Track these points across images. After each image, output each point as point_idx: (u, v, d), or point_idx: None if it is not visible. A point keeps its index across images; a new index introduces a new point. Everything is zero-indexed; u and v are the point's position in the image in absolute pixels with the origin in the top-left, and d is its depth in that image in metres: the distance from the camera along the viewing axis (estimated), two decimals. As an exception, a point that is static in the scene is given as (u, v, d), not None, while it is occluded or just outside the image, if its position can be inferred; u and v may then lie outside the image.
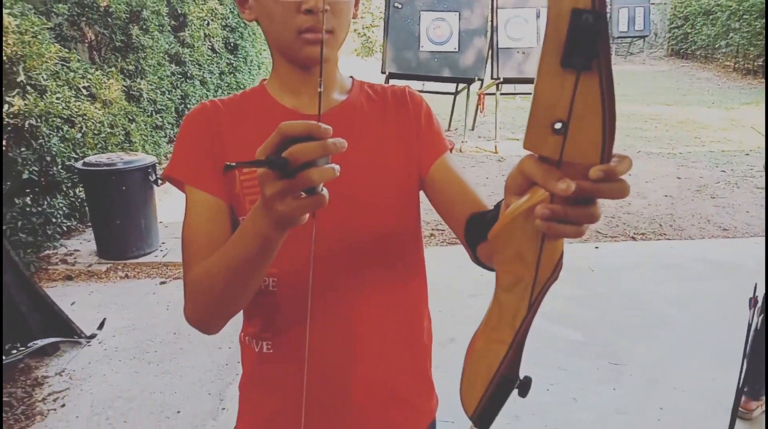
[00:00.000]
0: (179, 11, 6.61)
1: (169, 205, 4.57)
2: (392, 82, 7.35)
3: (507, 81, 7.35)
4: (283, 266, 0.90)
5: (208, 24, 7.35)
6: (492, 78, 7.34)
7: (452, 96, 8.32)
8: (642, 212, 5.20)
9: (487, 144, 7.66)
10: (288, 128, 0.58)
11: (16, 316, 2.65)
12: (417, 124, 0.98)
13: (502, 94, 7.64)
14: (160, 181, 3.97)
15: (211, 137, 0.92)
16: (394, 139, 0.97)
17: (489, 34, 7.45)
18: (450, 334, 3.03)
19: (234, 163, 0.58)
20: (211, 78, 7.44)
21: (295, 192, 0.60)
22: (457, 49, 7.30)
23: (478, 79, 7.40)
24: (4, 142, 3.81)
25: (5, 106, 3.72)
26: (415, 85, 7.94)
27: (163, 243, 4.18)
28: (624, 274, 3.90)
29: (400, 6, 7.25)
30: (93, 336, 2.90)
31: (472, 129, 8.44)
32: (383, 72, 7.24)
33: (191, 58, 6.85)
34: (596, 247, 4.43)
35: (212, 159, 0.91)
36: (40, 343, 2.36)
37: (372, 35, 17.46)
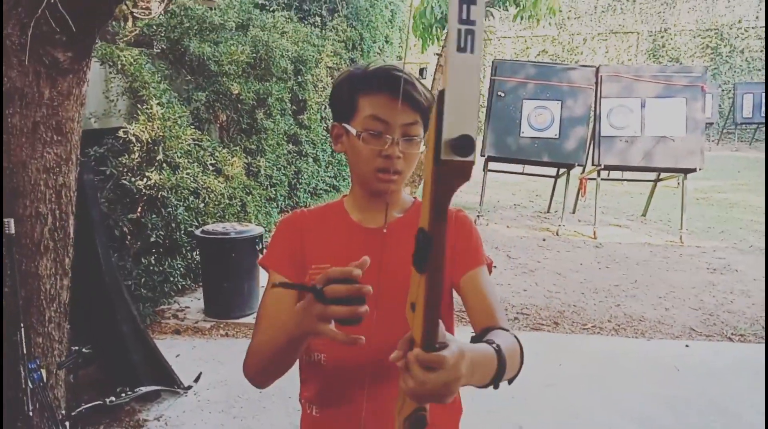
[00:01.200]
0: (300, 97, 7.37)
1: (271, 272, 5.00)
2: (492, 165, 7.60)
3: (608, 168, 7.36)
4: (332, 346, 1.09)
5: (324, 108, 8.09)
6: (593, 164, 7.38)
7: (553, 179, 8.40)
8: (744, 312, 4.93)
9: (585, 228, 7.60)
10: (331, 272, 0.85)
11: (128, 362, 3.08)
12: (455, 239, 1.19)
13: (603, 179, 7.64)
14: (265, 250, 4.42)
15: (296, 239, 1.21)
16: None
17: (591, 122, 7.56)
18: (519, 422, 3.08)
19: (288, 284, 0.91)
20: (323, 155, 8.10)
21: (325, 316, 0.85)
22: (557, 136, 7.46)
23: (579, 165, 7.47)
24: (138, 209, 4.46)
25: (144, 180, 4.37)
26: (514, 168, 8.16)
27: (261, 307, 4.58)
28: (712, 377, 3.74)
29: (503, 95, 7.59)
30: (189, 387, 3.27)
31: (573, 212, 8.41)
32: (482, 155, 7.52)
33: (307, 138, 7.55)
34: (687, 346, 4.27)
35: (294, 255, 1.18)
36: (144, 389, 2.74)
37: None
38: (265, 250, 1.31)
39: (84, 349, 2.23)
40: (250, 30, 6.45)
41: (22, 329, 2.16)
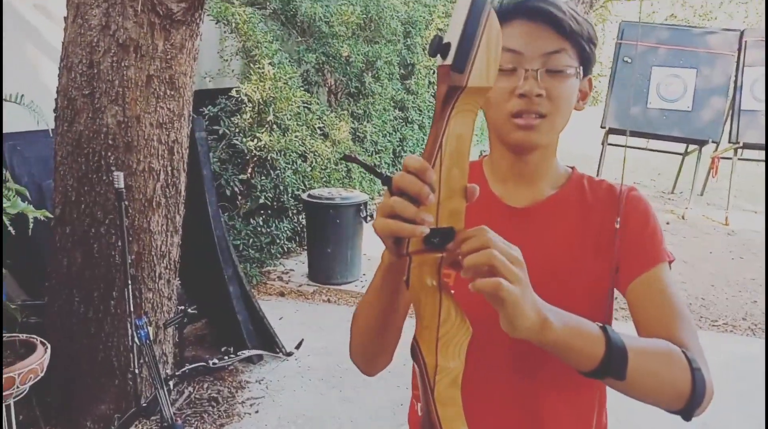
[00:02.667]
0: (408, 61, 7.13)
1: (375, 239, 4.89)
2: (612, 138, 7.02)
3: (748, 146, 6.57)
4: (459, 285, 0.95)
5: (433, 72, 7.80)
6: (730, 142, 6.63)
7: (680, 157, 7.67)
8: None
9: (716, 213, 6.88)
10: (406, 160, 0.64)
11: (234, 322, 3.07)
12: (624, 233, 0.92)
13: (740, 159, 6.85)
14: (369, 218, 4.30)
15: None
16: (593, 246, 0.93)
17: (731, 93, 6.76)
18: (637, 426, 2.77)
19: (354, 157, 0.72)
20: (429, 123, 7.86)
21: (385, 208, 0.64)
22: (690, 108, 6.74)
23: (713, 142, 6.73)
24: (249, 170, 4.47)
25: (254, 140, 4.36)
26: (637, 142, 7.50)
27: (364, 274, 4.49)
28: None
29: (629, 60, 6.94)
30: (291, 354, 3.23)
31: (701, 194, 7.66)
32: (602, 127, 6.96)
33: (413, 104, 7.32)
34: (842, 353, 3.70)
35: None
36: (246, 353, 2.71)
37: (599, 85, 16.86)
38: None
39: (189, 310, 2.20)
40: (362, -11, 6.26)
41: (130, 286, 2.14)
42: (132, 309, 2.09)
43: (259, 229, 4.39)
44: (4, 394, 1.86)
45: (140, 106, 2.42)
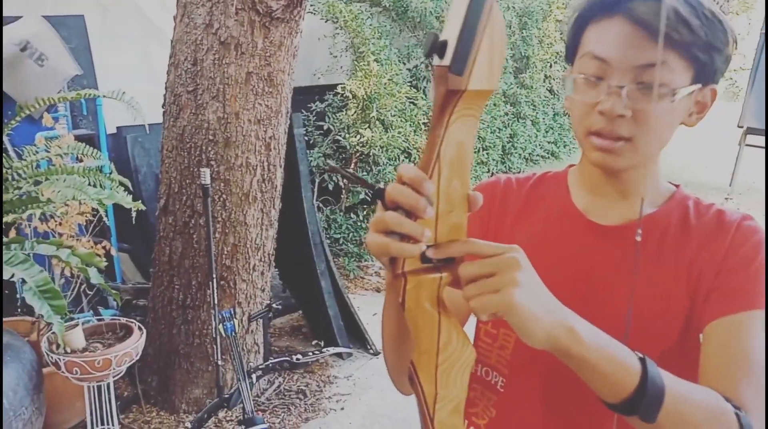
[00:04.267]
0: (523, 54, 6.87)
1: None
2: (751, 138, 6.33)
3: None
4: (514, 368, 0.87)
5: (550, 66, 7.47)
6: None
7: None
8: None
9: None
10: (400, 169, 0.57)
11: (325, 318, 3.11)
12: (719, 267, 0.78)
13: None
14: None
15: (488, 216, 0.91)
16: (684, 279, 0.80)
17: None
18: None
19: (337, 168, 0.68)
20: (544, 119, 7.53)
21: (378, 224, 0.57)
22: None
23: None
24: (351, 165, 4.52)
25: (357, 136, 4.39)
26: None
27: (463, 275, 4.39)
28: None
29: (776, 50, 6.22)
30: (379, 353, 3.21)
31: None
32: (740, 126, 6.30)
33: (527, 99, 7.04)
34: None
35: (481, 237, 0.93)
36: (332, 350, 2.73)
37: (740, 79, 15.35)
38: None
39: (274, 305, 2.24)
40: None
41: (215, 279, 2.20)
42: (216, 301, 2.16)
43: (359, 223, 4.42)
44: (102, 374, 1.99)
45: (239, 102, 2.49)
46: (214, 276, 2.21)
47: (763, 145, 6.69)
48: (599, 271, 0.82)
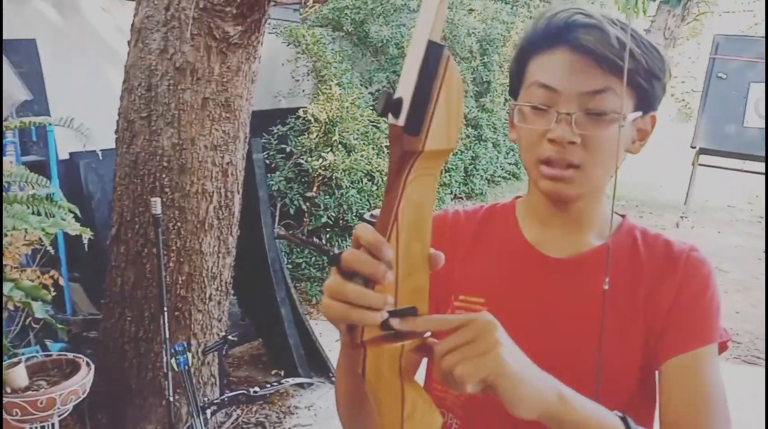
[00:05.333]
0: (484, 78, 6.98)
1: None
2: (704, 158, 6.54)
3: None
4: (470, 408, 0.84)
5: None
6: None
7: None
8: None
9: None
10: (357, 231, 0.55)
11: (286, 347, 3.04)
12: (671, 304, 0.78)
13: None
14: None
15: (438, 247, 0.89)
16: (639, 314, 0.80)
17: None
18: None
19: (285, 234, 0.61)
20: (504, 141, 7.64)
21: (334, 292, 0.55)
22: (794, 127, 6.17)
23: None
24: (314, 189, 4.49)
25: (320, 160, 4.37)
26: (733, 164, 6.94)
27: (427, 298, 4.37)
28: None
29: (724, 76, 6.46)
30: (342, 380, 3.15)
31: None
32: (693, 146, 6.50)
33: (488, 122, 7.15)
34: None
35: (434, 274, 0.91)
36: (292, 380, 2.66)
37: (692, 101, 15.93)
38: None
39: (230, 336, 2.18)
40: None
41: (165, 312, 2.14)
42: (168, 334, 2.09)
43: (324, 247, 4.39)
44: (45, 414, 1.90)
45: (195, 128, 2.44)
46: (166, 308, 2.15)
47: (715, 164, 6.92)
48: (555, 305, 0.82)
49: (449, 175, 6.39)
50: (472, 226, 0.90)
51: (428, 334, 0.59)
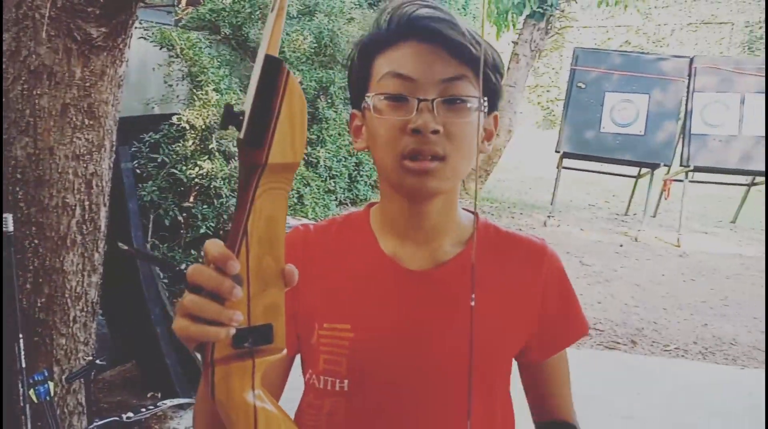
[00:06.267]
0: (364, 85, 7.08)
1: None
2: (567, 162, 7.06)
3: (699, 169, 6.67)
4: (355, 372, 0.81)
5: (390, 97, 7.77)
6: (681, 165, 6.73)
7: (633, 179, 7.77)
8: None
9: (668, 235, 6.94)
10: (206, 247, 0.53)
11: (162, 367, 2.89)
12: (542, 305, 0.82)
13: (692, 181, 6.95)
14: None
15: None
16: (502, 317, 0.81)
17: (682, 118, 6.89)
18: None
19: (127, 248, 0.60)
20: (387, 147, 7.80)
21: (183, 308, 0.53)
22: (642, 133, 6.84)
23: (665, 165, 6.83)
24: (191, 199, 4.30)
25: (196, 168, 4.20)
26: (590, 166, 7.57)
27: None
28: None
29: (583, 86, 7.03)
30: (225, 396, 3.04)
31: (653, 216, 7.75)
32: (557, 151, 7.00)
33: (370, 128, 7.25)
34: (791, 380, 3.70)
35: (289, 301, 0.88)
36: (168, 403, 2.53)
37: (556, 109, 17.16)
38: None
39: (98, 361, 2.03)
40: (315, 16, 6.20)
41: (21, 340, 1.96)
42: (24, 364, 1.91)
43: (200, 260, 4.19)
44: None
45: (54, 136, 2.26)
46: (22, 335, 1.96)
47: (577, 167, 7.51)
48: (422, 320, 0.81)
49: (334, 182, 6.41)
50: (326, 243, 0.86)
51: (284, 351, 0.57)
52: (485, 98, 0.77)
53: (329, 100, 6.21)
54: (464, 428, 0.78)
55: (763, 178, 6.99)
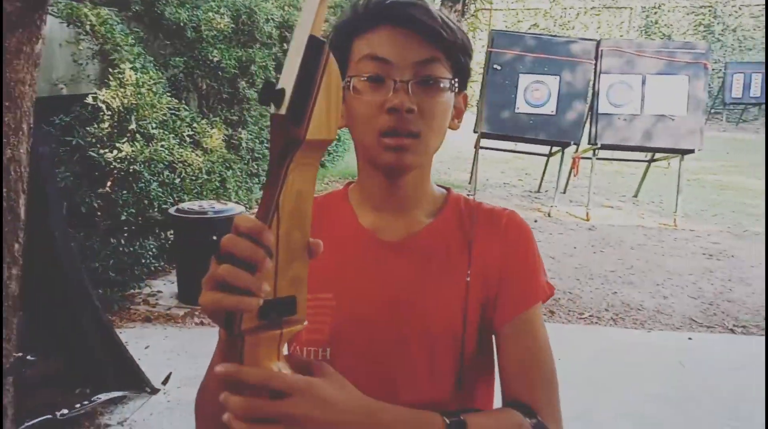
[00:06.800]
0: (285, 66, 6.95)
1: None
2: (484, 142, 7.29)
3: (605, 147, 7.09)
4: (337, 340, 0.85)
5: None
6: (589, 143, 7.12)
7: (545, 158, 8.14)
8: (744, 301, 4.74)
9: (578, 210, 7.36)
10: (237, 220, 0.55)
11: (90, 359, 2.77)
12: (501, 269, 0.85)
13: (599, 158, 7.38)
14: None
15: None
16: (471, 282, 0.85)
17: (590, 98, 7.27)
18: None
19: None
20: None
21: (212, 279, 0.55)
22: (554, 112, 7.16)
23: (574, 143, 7.20)
24: (108, 184, 4.10)
25: (114, 152, 4.00)
26: (507, 145, 7.86)
27: (241, 290, 4.28)
28: (720, 375, 3.53)
29: (499, 68, 7.25)
30: (157, 391, 2.96)
31: (564, 192, 8.17)
32: (475, 131, 7.21)
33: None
34: (689, 339, 4.07)
35: None
36: (103, 397, 2.45)
37: (470, 90, 17.59)
38: None
39: (29, 357, 1.93)
40: (232, -8, 6.02)
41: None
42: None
43: (120, 248, 4.03)
44: None
45: (-37, 120, 2.09)
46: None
47: (495, 147, 7.77)
48: (399, 288, 0.85)
49: (256, 164, 6.31)
50: (325, 211, 0.90)
51: (305, 322, 0.60)
52: (456, 79, 0.83)
53: (250, 80, 6.06)
54: (446, 390, 0.84)
55: (662, 155, 7.54)
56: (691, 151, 6.82)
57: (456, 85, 0.83)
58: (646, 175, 8.08)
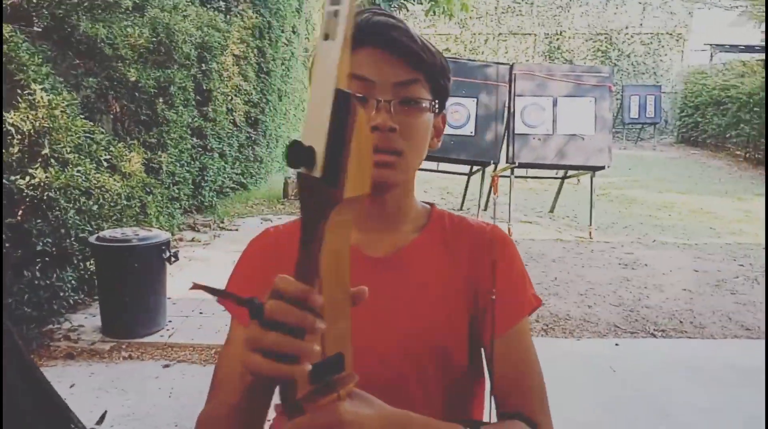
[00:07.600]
0: (205, 87, 6.77)
1: (179, 280, 4.49)
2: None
3: (522, 166, 7.39)
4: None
5: (231, 99, 7.52)
6: (507, 162, 7.40)
7: (465, 177, 8.37)
8: (661, 306, 5.06)
9: (500, 226, 7.53)
10: (282, 284, 0.53)
11: (11, 406, 2.51)
12: (489, 285, 0.86)
13: (516, 177, 7.68)
14: (173, 259, 3.91)
15: (267, 269, 0.84)
16: (461, 299, 0.87)
17: (505, 119, 7.57)
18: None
19: (203, 286, 0.55)
20: (230, 151, 7.53)
21: (260, 345, 0.53)
22: (473, 133, 7.40)
23: (494, 163, 7.46)
24: (20, 213, 3.80)
25: (26, 178, 3.72)
26: (429, 165, 8.03)
27: (169, 321, 4.07)
28: (650, 378, 3.72)
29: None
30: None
31: (485, 209, 8.43)
32: (399, 152, 7.31)
33: (212, 132, 6.96)
34: (616, 345, 4.28)
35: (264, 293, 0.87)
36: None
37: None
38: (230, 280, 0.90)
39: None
40: (147, 10, 5.80)
41: None
42: None
43: (36, 281, 3.72)
44: None
45: None
46: None
47: (419, 167, 7.89)
48: (385, 303, 0.84)
49: (177, 189, 6.06)
50: (295, 241, 0.88)
51: (356, 377, 0.58)
52: (435, 101, 0.85)
53: (168, 101, 5.85)
54: (433, 407, 0.83)
55: (574, 172, 7.95)
56: (602, 168, 7.24)
57: (436, 106, 0.85)
58: (560, 192, 8.49)
